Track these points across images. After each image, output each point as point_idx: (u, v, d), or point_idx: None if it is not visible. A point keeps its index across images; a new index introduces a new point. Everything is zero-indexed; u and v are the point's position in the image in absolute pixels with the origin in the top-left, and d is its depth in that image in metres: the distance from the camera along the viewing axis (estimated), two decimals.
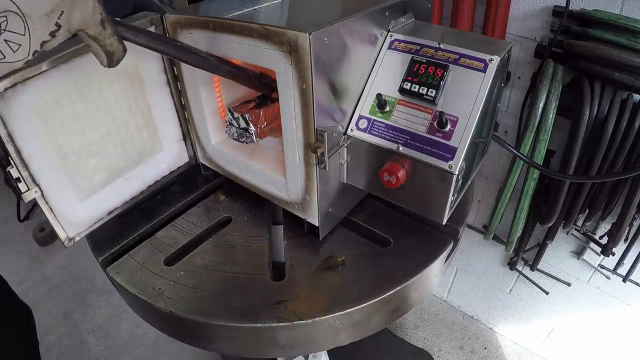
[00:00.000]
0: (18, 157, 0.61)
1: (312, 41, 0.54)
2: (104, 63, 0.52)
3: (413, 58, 0.66)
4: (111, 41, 0.51)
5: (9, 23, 0.42)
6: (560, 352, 1.70)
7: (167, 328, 0.72)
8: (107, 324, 1.93)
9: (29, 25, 0.44)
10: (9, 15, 0.42)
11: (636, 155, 0.97)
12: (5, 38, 0.43)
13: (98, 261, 0.74)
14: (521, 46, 1.15)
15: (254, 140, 0.81)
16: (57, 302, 2.03)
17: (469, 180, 0.74)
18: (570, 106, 1.01)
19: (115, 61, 0.53)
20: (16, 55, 0.45)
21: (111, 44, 0.51)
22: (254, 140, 0.81)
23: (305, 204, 0.72)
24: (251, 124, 0.79)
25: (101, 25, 0.49)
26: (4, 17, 0.42)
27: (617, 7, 0.98)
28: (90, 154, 0.71)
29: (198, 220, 0.82)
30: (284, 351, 0.68)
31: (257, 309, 0.64)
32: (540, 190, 1.22)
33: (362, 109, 0.68)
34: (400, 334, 1.87)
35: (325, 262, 0.72)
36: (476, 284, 1.80)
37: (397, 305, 0.70)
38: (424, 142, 0.63)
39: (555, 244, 1.40)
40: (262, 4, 0.73)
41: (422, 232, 0.77)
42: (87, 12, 0.47)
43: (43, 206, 0.67)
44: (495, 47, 0.64)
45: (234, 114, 0.80)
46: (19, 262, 2.25)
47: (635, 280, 1.30)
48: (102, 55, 0.51)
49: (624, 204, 1.07)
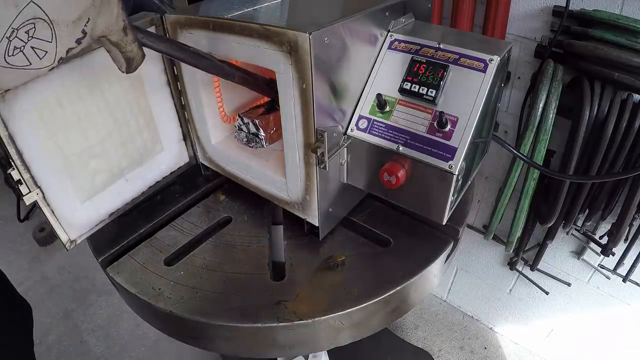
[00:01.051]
0: (19, 158, 0.61)
1: (312, 41, 0.54)
2: (122, 69, 0.52)
3: (413, 58, 0.66)
4: (132, 47, 0.51)
5: (37, 30, 0.43)
6: (560, 352, 1.70)
7: (167, 328, 0.72)
8: (107, 324, 1.93)
9: (57, 32, 0.44)
10: (37, 22, 0.42)
11: (636, 155, 0.97)
12: (32, 45, 0.43)
13: (98, 261, 0.74)
14: (521, 46, 1.15)
15: (264, 145, 0.82)
16: (57, 302, 2.03)
17: (469, 180, 0.74)
18: (570, 106, 1.01)
19: (134, 67, 0.53)
20: (42, 61, 0.45)
21: (132, 50, 0.51)
22: (264, 145, 0.82)
23: (305, 204, 0.72)
24: (261, 129, 0.80)
25: (123, 31, 0.49)
26: (32, 24, 0.42)
27: (617, 7, 0.98)
28: (92, 156, 0.71)
29: (198, 220, 0.82)
30: (284, 351, 0.68)
31: (257, 309, 0.64)
32: (540, 190, 1.22)
33: (362, 109, 0.68)
34: (400, 334, 1.87)
35: (325, 262, 0.72)
36: (476, 284, 1.80)
37: (397, 305, 0.70)
38: (424, 142, 0.63)
39: (555, 244, 1.40)
40: (262, 4, 0.73)
41: (422, 232, 0.77)
42: (111, 18, 0.47)
43: (44, 208, 0.66)
44: (495, 47, 0.64)
45: (243, 119, 0.81)
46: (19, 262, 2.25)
47: (635, 280, 1.30)
48: (122, 61, 0.51)
49: (624, 204, 1.07)
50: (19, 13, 0.41)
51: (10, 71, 0.44)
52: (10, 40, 0.42)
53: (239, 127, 0.83)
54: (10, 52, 0.42)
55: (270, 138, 0.83)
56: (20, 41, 0.42)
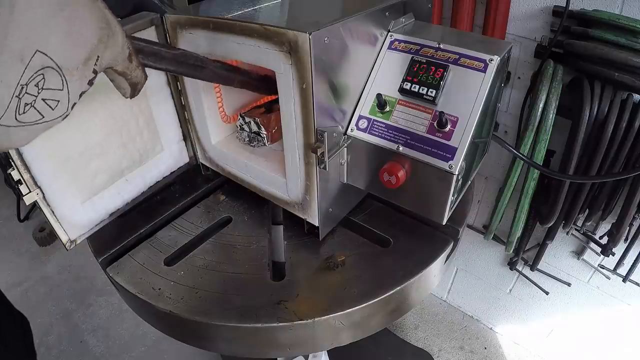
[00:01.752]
0: (19, 159, 0.61)
1: (312, 41, 0.54)
2: (127, 95, 0.49)
3: (413, 58, 0.66)
4: (137, 73, 0.48)
5: (46, 80, 0.39)
6: (560, 352, 1.70)
7: (167, 328, 0.72)
8: (107, 324, 1.93)
9: (67, 78, 0.40)
10: (45, 72, 0.38)
11: (636, 155, 0.97)
12: (43, 97, 0.39)
13: (98, 261, 0.74)
14: (521, 46, 1.15)
15: (266, 144, 0.82)
16: (57, 302, 2.03)
17: (469, 180, 0.74)
18: (570, 106, 1.01)
19: (138, 91, 0.50)
20: (55, 112, 0.42)
21: (137, 75, 0.48)
22: (266, 144, 0.82)
23: (305, 204, 0.72)
24: (262, 127, 0.80)
25: (129, 59, 0.46)
26: (40, 75, 0.38)
27: (617, 7, 0.98)
28: (92, 156, 0.71)
29: (198, 220, 0.82)
30: (284, 351, 0.68)
31: (257, 309, 0.64)
32: (540, 190, 1.22)
33: (362, 109, 0.68)
34: (400, 334, 1.87)
35: (325, 262, 0.72)
36: (476, 284, 1.80)
37: (397, 305, 0.70)
38: (424, 142, 0.63)
39: (555, 244, 1.40)
40: (262, 4, 0.73)
41: (422, 232, 0.77)
42: (117, 49, 0.44)
43: (44, 209, 0.66)
44: (495, 47, 0.64)
45: (245, 118, 0.81)
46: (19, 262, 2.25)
47: (635, 280, 1.30)
48: (127, 87, 0.48)
49: (624, 204, 1.07)
50: (26, 67, 0.37)
51: (22, 129, 0.40)
52: (20, 98, 0.38)
53: (241, 126, 0.83)
54: (21, 110, 0.39)
55: (272, 137, 0.83)
56: (31, 96, 0.39)
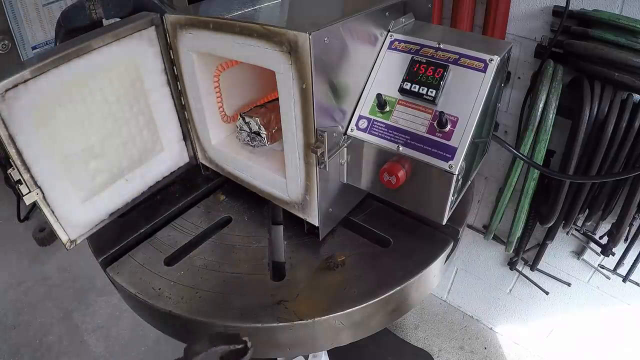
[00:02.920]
0: (19, 159, 0.61)
1: (312, 41, 0.54)
2: None
3: (413, 58, 0.66)
4: None
5: None
6: (560, 352, 1.70)
7: (167, 328, 0.72)
8: (107, 324, 1.93)
9: None
10: None
11: (636, 155, 0.97)
12: None
13: (98, 261, 0.74)
14: (521, 46, 1.15)
15: (266, 144, 0.82)
16: (57, 302, 2.03)
17: (469, 180, 0.74)
18: (570, 106, 1.01)
19: None
20: None
21: None
22: (266, 144, 0.82)
23: (305, 204, 0.72)
24: (262, 127, 0.80)
25: None
26: None
27: (617, 7, 0.98)
28: (92, 156, 0.71)
29: (198, 220, 0.82)
30: (284, 351, 0.68)
31: (257, 309, 0.64)
32: (540, 190, 1.22)
33: (362, 109, 0.68)
34: (400, 334, 1.87)
35: (325, 262, 0.72)
36: (476, 284, 1.80)
37: (397, 305, 0.70)
38: (424, 142, 0.63)
39: (555, 244, 1.40)
40: (262, 4, 0.73)
41: (422, 232, 0.77)
42: None
43: (44, 208, 0.66)
44: (495, 47, 0.64)
45: (245, 118, 0.81)
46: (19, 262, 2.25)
47: (635, 280, 1.30)
48: None
49: (624, 204, 1.07)
50: None
51: None
52: None
53: (241, 127, 0.83)
54: None
55: (272, 137, 0.83)
56: None
